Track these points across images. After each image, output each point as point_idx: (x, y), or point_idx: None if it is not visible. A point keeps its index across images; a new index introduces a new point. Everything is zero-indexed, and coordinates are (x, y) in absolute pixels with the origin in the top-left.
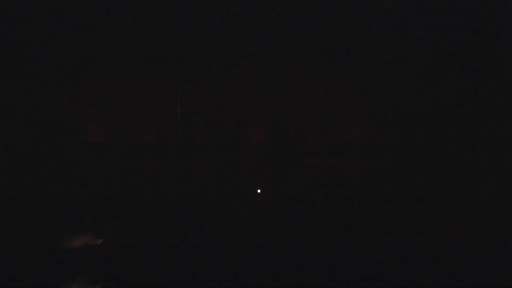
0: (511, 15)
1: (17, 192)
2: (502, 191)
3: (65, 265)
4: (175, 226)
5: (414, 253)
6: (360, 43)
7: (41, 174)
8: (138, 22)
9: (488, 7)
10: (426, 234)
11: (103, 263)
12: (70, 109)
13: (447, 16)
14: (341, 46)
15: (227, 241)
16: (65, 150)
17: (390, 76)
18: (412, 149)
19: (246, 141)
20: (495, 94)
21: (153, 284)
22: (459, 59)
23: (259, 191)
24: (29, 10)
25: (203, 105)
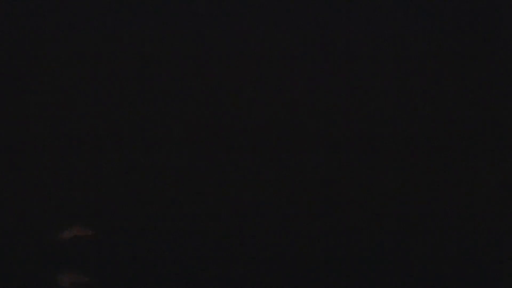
0: (511, 15)
1: (9, 186)
2: (500, 188)
3: (56, 257)
4: (169, 222)
5: (414, 252)
6: (361, 42)
7: (33, 168)
8: (136, 22)
9: (488, 7)
10: (425, 233)
11: (94, 255)
12: (66, 107)
13: (447, 16)
14: (342, 46)
15: (221, 236)
16: (59, 145)
17: (390, 75)
18: (412, 147)
19: (245, 139)
20: (494, 94)
21: (143, 276)
22: (459, 59)
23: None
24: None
25: (203, 104)
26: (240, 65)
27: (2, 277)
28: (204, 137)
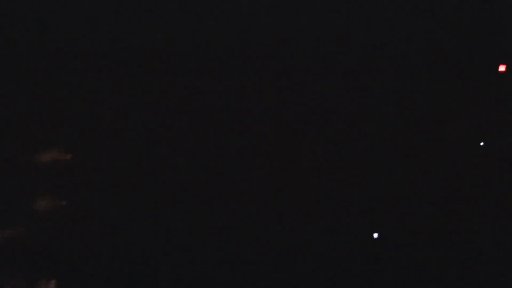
0: (511, 15)
1: None
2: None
3: (31, 180)
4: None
5: (413, 252)
6: (360, 42)
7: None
8: (138, 21)
9: (488, 7)
10: (425, 233)
11: (71, 180)
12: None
13: (447, 16)
14: (341, 45)
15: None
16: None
17: (390, 76)
18: (412, 147)
19: (246, 139)
20: (494, 94)
21: (121, 202)
22: (459, 59)
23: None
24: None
25: (204, 103)
26: (240, 64)
27: None
28: (203, 137)
